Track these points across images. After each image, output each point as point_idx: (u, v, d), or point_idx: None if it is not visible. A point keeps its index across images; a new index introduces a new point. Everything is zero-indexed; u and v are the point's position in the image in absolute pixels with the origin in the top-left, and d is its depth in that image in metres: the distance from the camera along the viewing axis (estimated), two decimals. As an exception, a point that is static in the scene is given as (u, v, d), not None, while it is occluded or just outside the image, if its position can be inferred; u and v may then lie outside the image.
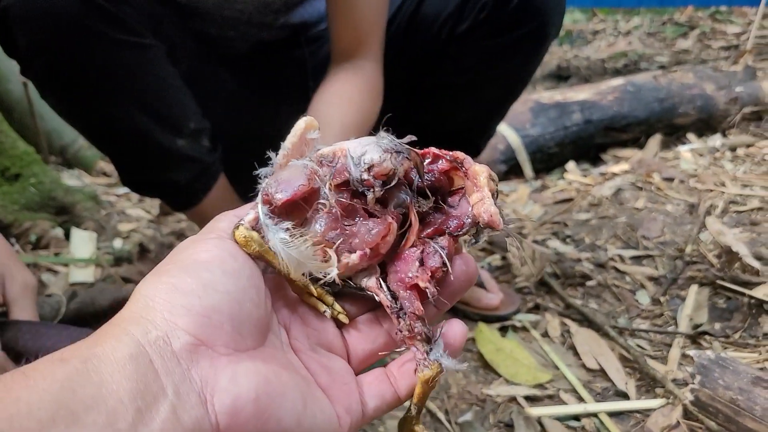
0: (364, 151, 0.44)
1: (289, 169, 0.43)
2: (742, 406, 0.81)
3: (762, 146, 1.99)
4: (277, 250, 0.41)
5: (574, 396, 1.03)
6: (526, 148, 1.85)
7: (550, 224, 1.61)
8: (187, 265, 0.38)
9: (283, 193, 0.42)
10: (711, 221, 1.53)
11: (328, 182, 0.43)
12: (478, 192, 0.45)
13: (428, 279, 0.43)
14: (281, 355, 0.40)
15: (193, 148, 0.99)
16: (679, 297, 1.28)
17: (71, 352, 0.33)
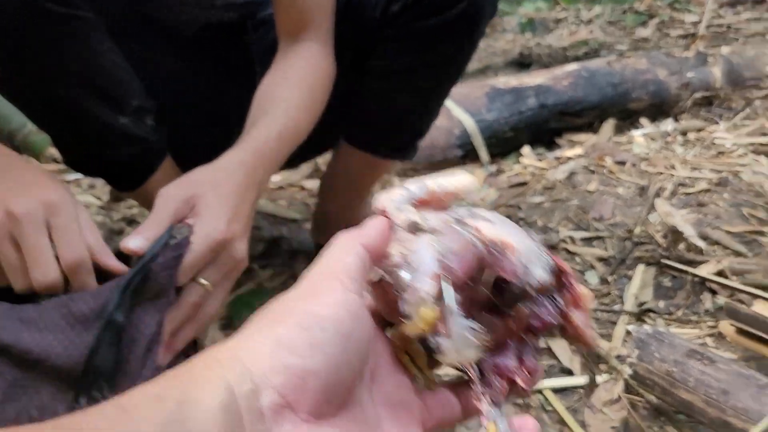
0: (529, 258, 0.40)
1: (452, 233, 0.39)
2: (677, 378, 0.83)
3: (712, 131, 2.03)
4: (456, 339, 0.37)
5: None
6: (481, 132, 1.85)
7: (505, 207, 1.63)
8: (304, 319, 0.35)
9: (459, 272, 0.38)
10: (660, 203, 1.56)
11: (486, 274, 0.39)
12: (582, 314, 0.42)
13: (526, 379, 0.41)
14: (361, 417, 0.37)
15: (137, 126, 0.98)
16: (627, 277, 1.31)
17: (167, 390, 0.31)
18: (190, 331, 0.69)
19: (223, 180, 0.74)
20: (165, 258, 0.63)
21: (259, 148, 0.81)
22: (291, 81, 0.95)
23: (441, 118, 1.89)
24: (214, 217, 0.70)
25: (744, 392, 0.77)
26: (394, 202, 0.41)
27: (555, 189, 1.70)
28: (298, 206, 1.61)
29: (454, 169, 1.87)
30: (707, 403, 0.79)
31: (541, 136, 1.99)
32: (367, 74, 1.06)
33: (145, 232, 0.68)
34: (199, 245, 0.67)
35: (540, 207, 1.61)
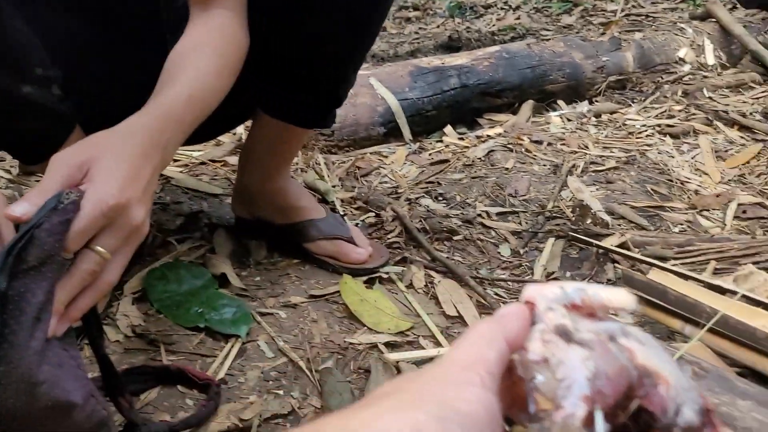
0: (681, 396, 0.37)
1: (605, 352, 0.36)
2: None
3: (624, 113, 2.13)
4: None
5: (433, 342, 1.08)
6: (404, 110, 1.88)
7: (425, 184, 1.66)
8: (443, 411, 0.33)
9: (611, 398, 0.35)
10: (571, 180, 1.63)
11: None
12: None
13: None
14: None
15: (42, 95, 0.94)
16: (538, 249, 1.37)
17: None
18: (87, 300, 0.67)
19: (121, 143, 0.72)
20: (51, 223, 0.61)
21: (164, 113, 0.80)
22: (202, 48, 0.93)
23: (364, 96, 1.91)
24: (108, 181, 0.67)
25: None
26: (545, 299, 0.39)
27: (474, 166, 1.75)
28: (221, 181, 1.59)
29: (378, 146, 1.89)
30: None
31: (463, 115, 2.04)
32: (278, 40, 1.06)
33: (32, 198, 0.64)
34: (89, 210, 0.64)
35: (459, 183, 1.65)
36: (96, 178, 0.67)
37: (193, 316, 1.06)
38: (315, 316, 1.11)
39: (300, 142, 1.29)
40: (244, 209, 1.28)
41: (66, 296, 0.64)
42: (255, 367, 0.99)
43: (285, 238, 1.27)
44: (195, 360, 0.99)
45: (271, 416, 0.90)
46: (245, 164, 1.24)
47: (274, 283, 1.20)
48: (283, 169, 1.24)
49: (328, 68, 1.10)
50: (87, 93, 1.02)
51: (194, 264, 1.19)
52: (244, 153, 1.25)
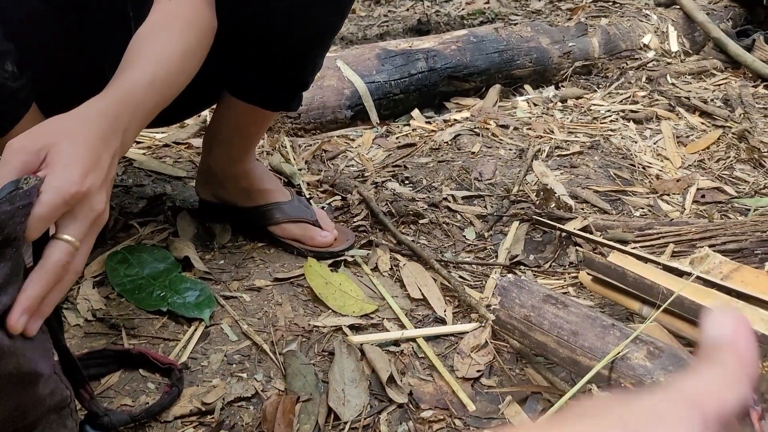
0: None
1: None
2: (534, 322, 0.89)
3: (590, 98, 2.15)
4: None
5: (398, 324, 1.08)
6: (371, 94, 1.87)
7: (391, 167, 1.66)
8: None
9: None
10: (537, 164, 1.64)
11: None
12: None
13: None
14: None
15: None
16: (503, 233, 1.38)
17: None
18: (57, 293, 0.66)
19: (80, 128, 0.70)
20: (12, 206, 0.59)
21: (124, 96, 0.78)
22: (166, 30, 0.91)
23: (331, 79, 1.90)
24: (68, 167, 0.65)
25: (590, 332, 0.84)
26: None
27: (441, 150, 1.75)
28: (184, 164, 1.57)
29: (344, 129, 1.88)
30: (559, 343, 0.85)
31: (431, 99, 2.04)
32: (246, 22, 1.05)
33: None
34: (51, 197, 0.62)
35: (425, 167, 1.65)
36: (56, 164, 0.65)
37: (156, 299, 1.05)
38: (279, 299, 1.11)
39: (266, 125, 1.28)
40: (208, 192, 1.27)
41: (41, 291, 0.62)
42: (218, 350, 0.99)
43: (250, 221, 1.26)
44: (157, 344, 0.98)
45: (235, 399, 0.90)
46: (210, 146, 1.22)
47: (238, 266, 1.19)
48: (248, 151, 1.23)
49: (295, 51, 1.09)
50: (46, 73, 1.00)
51: (157, 247, 1.17)
52: (209, 135, 1.24)
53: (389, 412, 0.90)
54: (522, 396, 0.92)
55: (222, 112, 1.20)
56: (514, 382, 0.95)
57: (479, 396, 0.94)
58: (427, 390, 0.94)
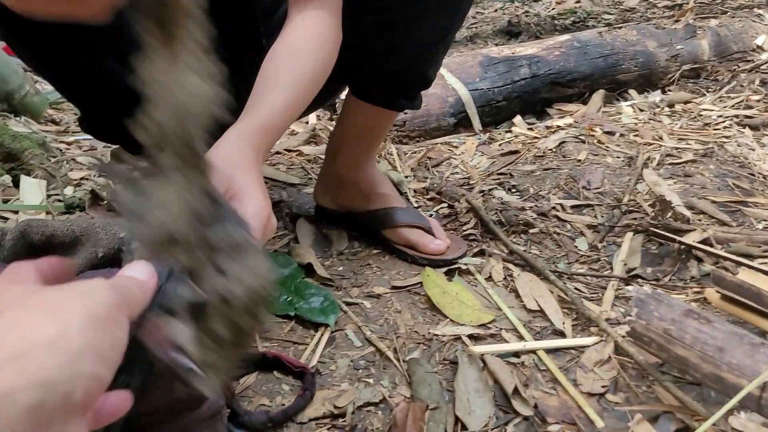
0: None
1: None
2: (674, 336, 0.88)
3: (698, 102, 2.08)
4: None
5: (515, 335, 1.09)
6: (474, 101, 1.88)
7: (497, 175, 1.66)
8: None
9: None
10: (648, 173, 1.60)
11: None
12: None
13: None
14: None
15: None
16: (616, 244, 1.36)
17: None
18: None
19: (242, 160, 0.75)
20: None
21: (265, 124, 0.82)
22: (298, 54, 0.95)
23: (435, 86, 1.92)
24: (254, 194, 0.70)
25: (738, 349, 0.82)
26: None
27: (546, 157, 1.74)
28: (297, 171, 1.63)
29: (447, 137, 1.90)
30: (702, 359, 0.84)
31: (532, 105, 2.03)
32: (371, 29, 1.07)
33: None
34: (257, 224, 0.67)
35: (531, 175, 1.64)
36: (243, 194, 0.70)
37: (283, 304, 1.10)
38: (399, 307, 1.14)
39: (389, 126, 1.31)
40: (327, 198, 1.31)
41: None
42: (344, 355, 1.02)
43: (366, 226, 1.29)
44: (288, 347, 1.03)
45: (364, 404, 0.93)
46: (336, 152, 1.27)
47: (356, 273, 1.22)
48: (371, 154, 1.26)
49: (419, 52, 1.12)
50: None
51: (280, 253, 1.23)
52: (334, 142, 1.28)
53: (515, 424, 0.91)
54: (652, 414, 0.91)
55: (347, 116, 1.24)
56: (642, 400, 0.94)
57: (606, 412, 0.93)
58: (552, 404, 0.94)
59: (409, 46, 1.11)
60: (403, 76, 1.16)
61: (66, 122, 1.71)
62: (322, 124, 1.91)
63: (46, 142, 1.42)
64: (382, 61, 1.14)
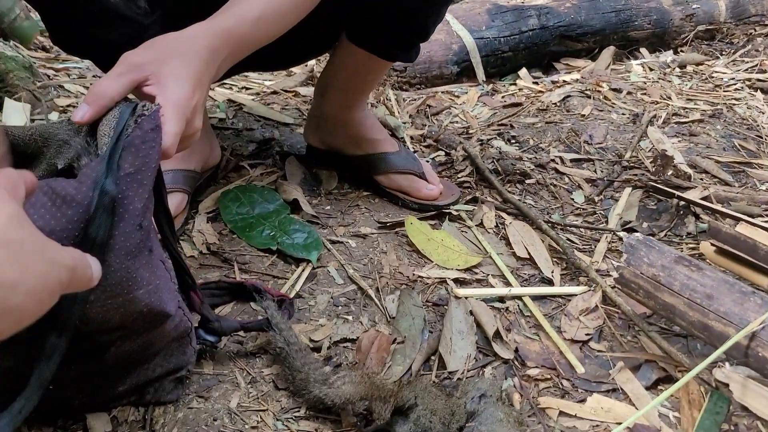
0: None
1: None
2: (663, 282, 0.85)
3: (711, 65, 2.01)
4: None
5: (502, 281, 1.06)
6: (479, 50, 1.82)
7: (497, 126, 1.62)
8: None
9: None
10: (652, 130, 1.56)
11: None
12: None
13: None
14: None
15: (128, 6, 0.94)
16: (614, 198, 1.32)
17: None
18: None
19: (187, 49, 0.71)
20: (143, 130, 0.61)
21: (229, 29, 0.77)
22: None
23: (439, 33, 1.86)
24: (180, 83, 0.67)
25: (728, 297, 0.79)
26: None
27: (549, 111, 1.69)
28: (291, 111, 1.59)
29: (449, 86, 1.85)
30: (690, 306, 0.81)
31: (539, 59, 1.97)
32: None
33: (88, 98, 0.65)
34: (175, 113, 0.65)
35: (532, 127, 1.60)
36: (168, 79, 0.67)
37: (265, 238, 1.07)
38: (384, 248, 1.11)
39: (381, 74, 1.27)
40: (316, 138, 1.27)
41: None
42: (325, 291, 1.00)
43: (356, 169, 1.26)
44: (267, 281, 1.00)
45: (341, 339, 0.91)
46: (324, 92, 1.22)
47: (344, 212, 1.19)
48: (361, 99, 1.22)
49: (422, 1, 1.06)
50: (174, 9, 1.02)
51: (266, 188, 1.20)
52: (323, 80, 1.23)
53: (494, 366, 0.89)
54: (635, 363, 0.89)
55: (339, 57, 1.19)
56: (625, 349, 0.92)
57: (588, 359, 0.91)
58: (534, 348, 0.92)
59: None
60: (403, 23, 1.11)
61: (56, 50, 1.67)
62: (320, 67, 1.86)
63: (33, 66, 1.38)
64: (381, 5, 1.08)
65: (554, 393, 0.85)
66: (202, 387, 0.81)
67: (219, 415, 0.77)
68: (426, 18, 1.11)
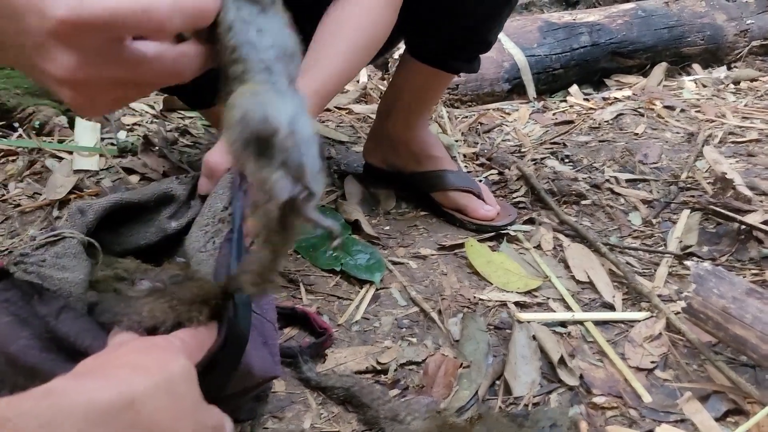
0: None
1: None
2: (734, 314, 0.84)
3: (766, 81, 1.98)
4: None
5: (562, 305, 1.07)
6: (531, 67, 1.83)
7: (549, 144, 1.62)
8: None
9: None
10: (708, 150, 1.54)
11: None
12: None
13: None
14: None
15: None
16: (671, 220, 1.31)
17: None
18: None
19: None
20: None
21: (317, 90, 0.84)
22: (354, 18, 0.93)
23: (491, 50, 1.86)
24: None
25: (799, 332, 0.78)
26: None
27: (601, 129, 1.69)
28: (346, 129, 1.61)
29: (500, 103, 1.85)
30: (762, 339, 0.81)
31: (590, 75, 1.96)
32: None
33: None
34: None
35: (586, 146, 1.60)
36: None
37: (329, 259, 1.10)
38: (445, 269, 1.12)
39: (443, 89, 1.29)
40: (377, 157, 1.30)
41: None
42: (389, 313, 1.02)
43: (415, 187, 1.28)
44: (332, 301, 1.03)
45: (407, 362, 0.92)
46: (389, 111, 1.25)
47: (403, 233, 1.21)
48: (424, 116, 1.24)
49: (485, 14, 1.08)
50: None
51: (327, 208, 1.22)
52: (388, 100, 1.26)
53: (560, 393, 0.89)
54: (702, 393, 0.88)
55: (402, 76, 1.21)
56: (692, 378, 0.92)
57: (654, 388, 0.91)
58: (599, 375, 0.93)
59: (475, 5, 1.08)
60: (464, 36, 1.13)
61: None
62: (373, 83, 1.89)
63: (101, 86, 1.43)
64: (444, 19, 1.10)
65: (621, 422, 0.85)
66: (276, 407, 0.83)
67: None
68: (489, 29, 1.13)
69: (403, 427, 0.78)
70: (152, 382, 0.41)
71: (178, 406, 0.43)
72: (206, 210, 0.68)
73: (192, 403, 0.45)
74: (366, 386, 0.84)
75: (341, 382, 0.85)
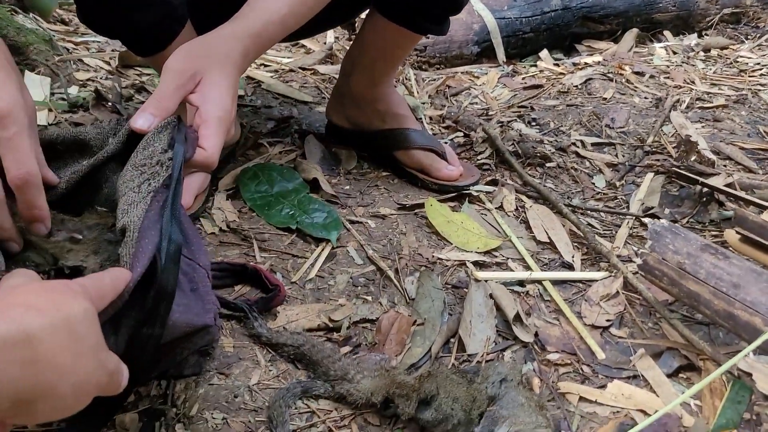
0: None
1: None
2: (688, 270, 0.84)
3: (736, 49, 1.98)
4: None
5: (522, 265, 1.06)
6: (500, 30, 1.80)
7: (517, 108, 1.60)
8: None
9: None
10: (675, 115, 1.53)
11: None
12: None
13: None
14: None
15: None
16: (635, 183, 1.31)
17: None
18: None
19: (224, 57, 0.75)
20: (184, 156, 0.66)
21: (259, 31, 0.81)
22: None
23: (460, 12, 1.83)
24: (222, 97, 0.72)
25: (755, 286, 0.77)
26: None
27: (570, 94, 1.67)
28: (310, 89, 1.58)
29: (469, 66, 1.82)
30: (715, 294, 0.80)
31: (561, 40, 1.94)
32: None
33: (150, 108, 0.69)
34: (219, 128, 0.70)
35: (553, 110, 1.58)
36: (210, 93, 0.72)
37: (285, 217, 1.07)
38: (404, 229, 1.10)
39: (409, 49, 1.25)
40: (340, 115, 1.26)
41: None
42: (344, 272, 0.99)
43: (378, 145, 1.25)
44: (286, 259, 1.00)
45: (360, 320, 0.91)
46: (352, 69, 1.21)
47: (363, 193, 1.19)
48: (390, 74, 1.21)
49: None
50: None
51: (286, 167, 1.19)
52: (351, 57, 1.22)
53: (514, 350, 0.88)
54: (656, 350, 0.88)
55: (368, 33, 1.18)
56: (646, 336, 0.91)
57: (608, 345, 0.90)
58: (554, 333, 0.92)
59: None
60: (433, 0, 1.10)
61: (75, 23, 1.66)
62: (339, 44, 1.85)
63: (52, 40, 1.38)
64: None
65: (574, 378, 0.85)
66: (223, 363, 0.81)
67: (239, 392, 0.77)
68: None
69: (351, 385, 0.77)
70: (48, 321, 0.40)
71: (77, 346, 0.42)
72: (143, 148, 0.64)
73: (93, 344, 0.45)
74: (317, 344, 0.83)
75: (292, 339, 0.83)
